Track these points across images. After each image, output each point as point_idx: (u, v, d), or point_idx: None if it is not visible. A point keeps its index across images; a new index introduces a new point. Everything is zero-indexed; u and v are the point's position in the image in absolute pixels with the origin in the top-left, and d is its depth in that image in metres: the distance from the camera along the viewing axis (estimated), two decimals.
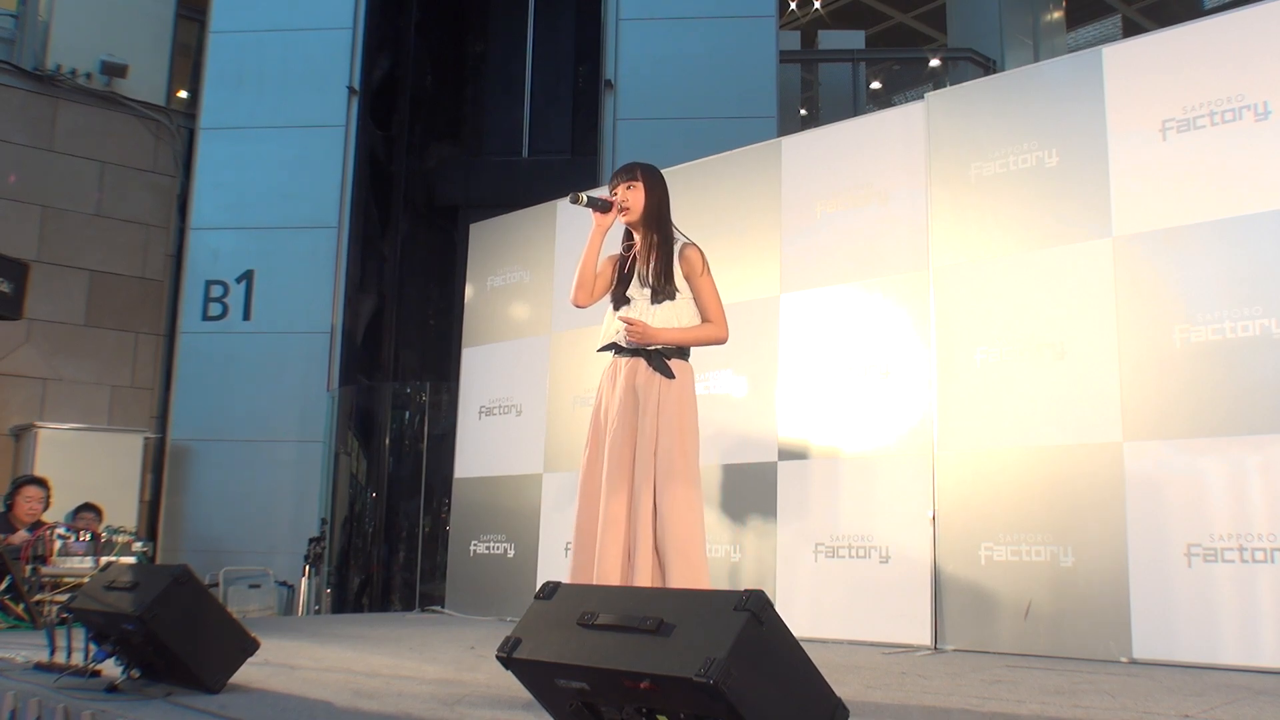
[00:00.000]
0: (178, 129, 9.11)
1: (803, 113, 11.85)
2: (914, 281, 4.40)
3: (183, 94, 9.60)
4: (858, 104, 11.30)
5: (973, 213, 4.28)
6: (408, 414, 7.87)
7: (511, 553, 5.66)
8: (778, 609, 1.75)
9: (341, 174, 8.35)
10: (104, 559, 4.75)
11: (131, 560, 4.85)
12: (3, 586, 4.52)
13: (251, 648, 2.81)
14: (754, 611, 1.68)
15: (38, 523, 5.29)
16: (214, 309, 8.29)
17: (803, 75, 12.09)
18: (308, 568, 7.56)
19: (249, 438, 8.07)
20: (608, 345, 3.24)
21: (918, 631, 4.09)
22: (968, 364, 4.17)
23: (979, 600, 3.98)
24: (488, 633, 4.56)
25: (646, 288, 3.18)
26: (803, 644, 1.78)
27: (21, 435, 7.96)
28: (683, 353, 3.19)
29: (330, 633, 4.73)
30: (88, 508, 6.17)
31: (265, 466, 8.05)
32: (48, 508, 5.63)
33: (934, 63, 12.24)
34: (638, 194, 3.23)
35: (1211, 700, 2.68)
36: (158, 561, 7.22)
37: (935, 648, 4.01)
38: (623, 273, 3.27)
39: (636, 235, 3.27)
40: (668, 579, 2.98)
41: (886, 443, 4.37)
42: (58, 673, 2.93)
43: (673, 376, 3.12)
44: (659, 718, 1.74)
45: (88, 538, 4.92)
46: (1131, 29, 14.51)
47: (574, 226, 5.42)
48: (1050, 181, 4.09)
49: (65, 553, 4.83)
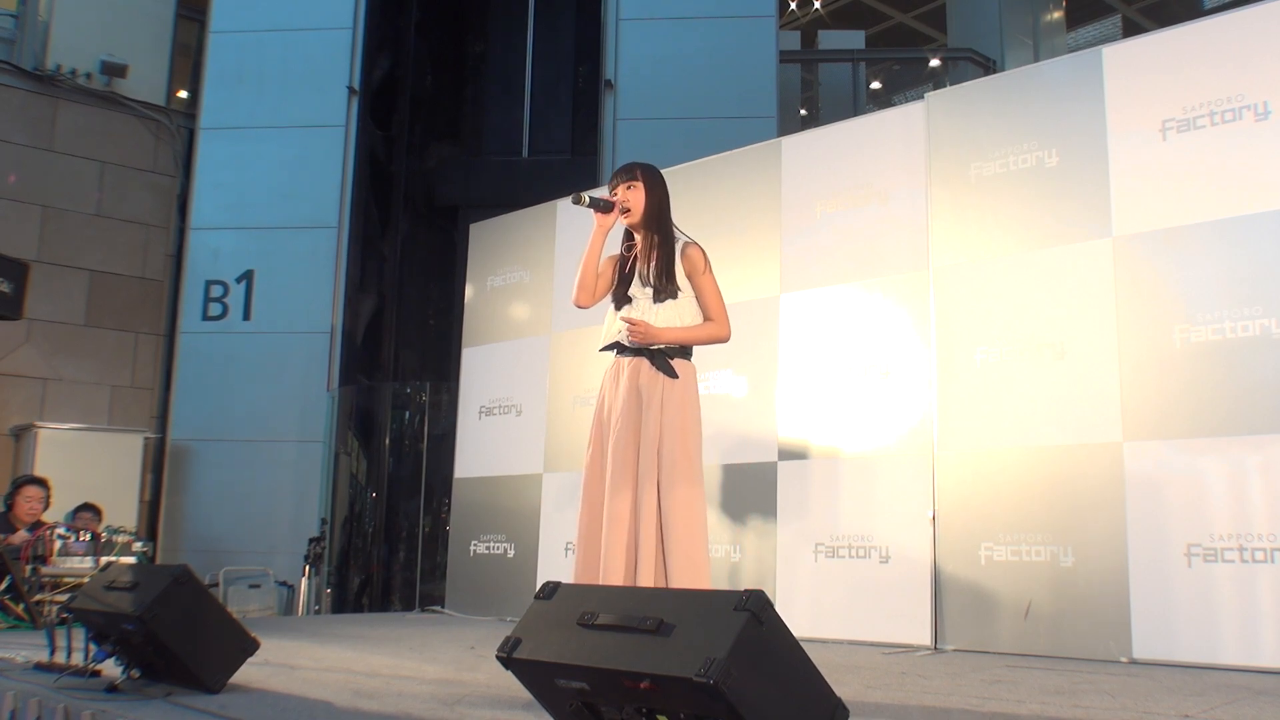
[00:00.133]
0: (178, 129, 9.10)
1: (803, 113, 11.85)
2: (914, 281, 4.40)
3: (183, 94, 9.59)
4: (858, 104, 11.29)
5: (973, 213, 4.28)
6: (408, 414, 7.87)
7: (511, 553, 5.66)
8: (778, 609, 1.75)
9: (341, 174, 8.35)
10: (104, 559, 4.75)
11: (131, 560, 4.85)
12: (3, 586, 4.52)
13: (251, 648, 2.81)
14: (754, 611, 1.68)
15: (38, 523, 5.29)
16: (214, 309, 8.29)
17: (803, 75, 12.09)
18: (308, 568, 7.56)
19: (249, 438, 8.07)
20: (610, 345, 3.24)
21: (918, 631, 4.09)
22: (968, 364, 4.17)
23: (979, 600, 3.98)
24: (488, 633, 4.56)
25: (648, 287, 3.18)
26: (803, 644, 1.78)
27: (21, 435, 7.96)
28: (685, 352, 3.19)
29: (330, 633, 4.73)
30: (87, 508, 6.18)
31: (265, 466, 8.05)
32: (48, 508, 5.63)
33: (934, 63, 12.24)
34: (638, 194, 3.22)
35: (1211, 700, 2.68)
36: (158, 561, 7.22)
37: (935, 648, 4.01)
38: (624, 273, 3.27)
39: (637, 235, 3.27)
40: (670, 578, 2.97)
41: (886, 443, 4.37)
42: (58, 673, 2.93)
43: (676, 376, 3.12)
44: (659, 718, 1.74)
45: (88, 538, 4.91)
46: (1131, 29, 14.51)
47: (574, 226, 5.42)
48: (1050, 181, 4.09)
49: (65, 553, 4.83)
